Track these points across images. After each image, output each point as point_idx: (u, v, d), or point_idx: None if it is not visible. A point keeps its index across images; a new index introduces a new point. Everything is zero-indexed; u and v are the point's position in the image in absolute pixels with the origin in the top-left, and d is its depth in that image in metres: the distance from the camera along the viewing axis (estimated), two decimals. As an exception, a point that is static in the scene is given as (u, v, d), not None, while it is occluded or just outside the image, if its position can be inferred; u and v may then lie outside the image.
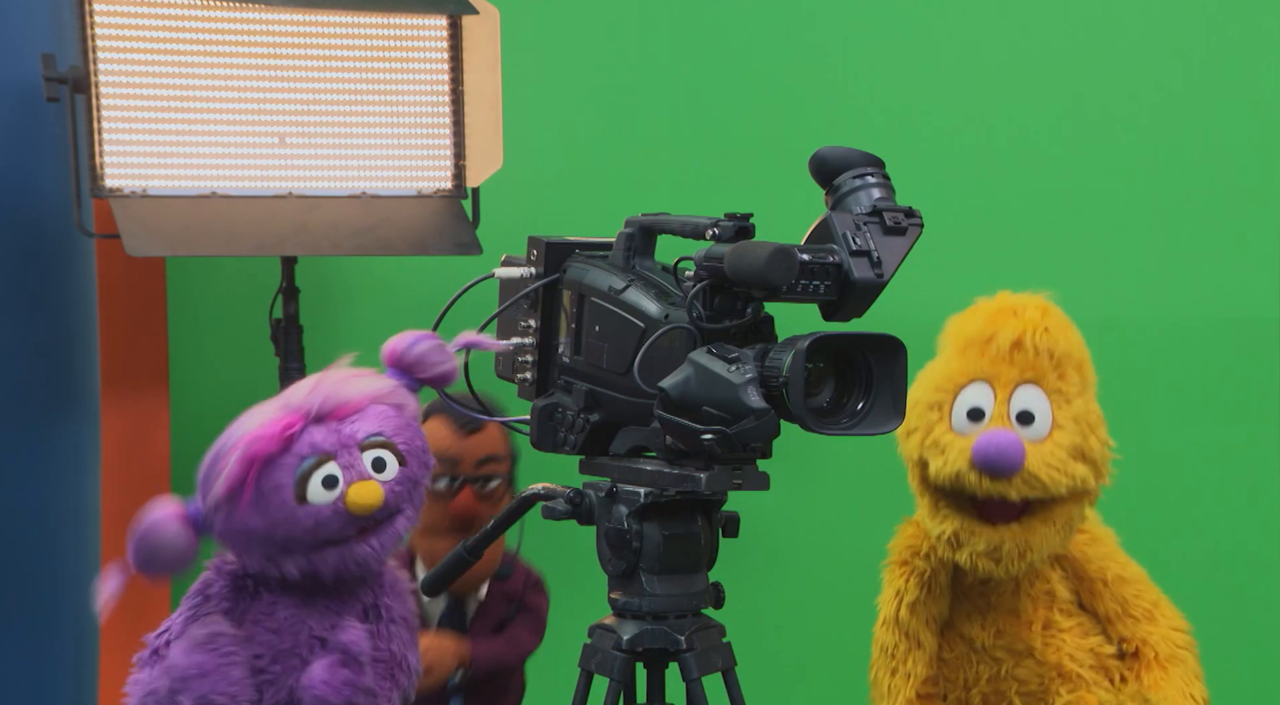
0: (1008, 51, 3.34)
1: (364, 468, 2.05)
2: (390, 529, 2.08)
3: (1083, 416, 2.19)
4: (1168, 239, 3.30)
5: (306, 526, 2.02)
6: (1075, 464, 2.16)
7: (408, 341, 2.15)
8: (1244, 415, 3.29)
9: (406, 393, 2.14)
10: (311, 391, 2.08)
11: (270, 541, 2.03)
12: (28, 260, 2.81)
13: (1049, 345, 2.19)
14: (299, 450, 2.03)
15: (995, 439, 2.13)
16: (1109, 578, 2.27)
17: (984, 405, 2.17)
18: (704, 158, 3.39)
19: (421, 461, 2.12)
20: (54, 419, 2.85)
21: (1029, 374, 2.18)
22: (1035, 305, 2.23)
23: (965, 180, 3.33)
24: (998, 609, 2.25)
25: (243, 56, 2.89)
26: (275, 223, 2.91)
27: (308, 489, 2.02)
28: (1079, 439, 2.17)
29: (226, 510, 2.02)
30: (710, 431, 1.82)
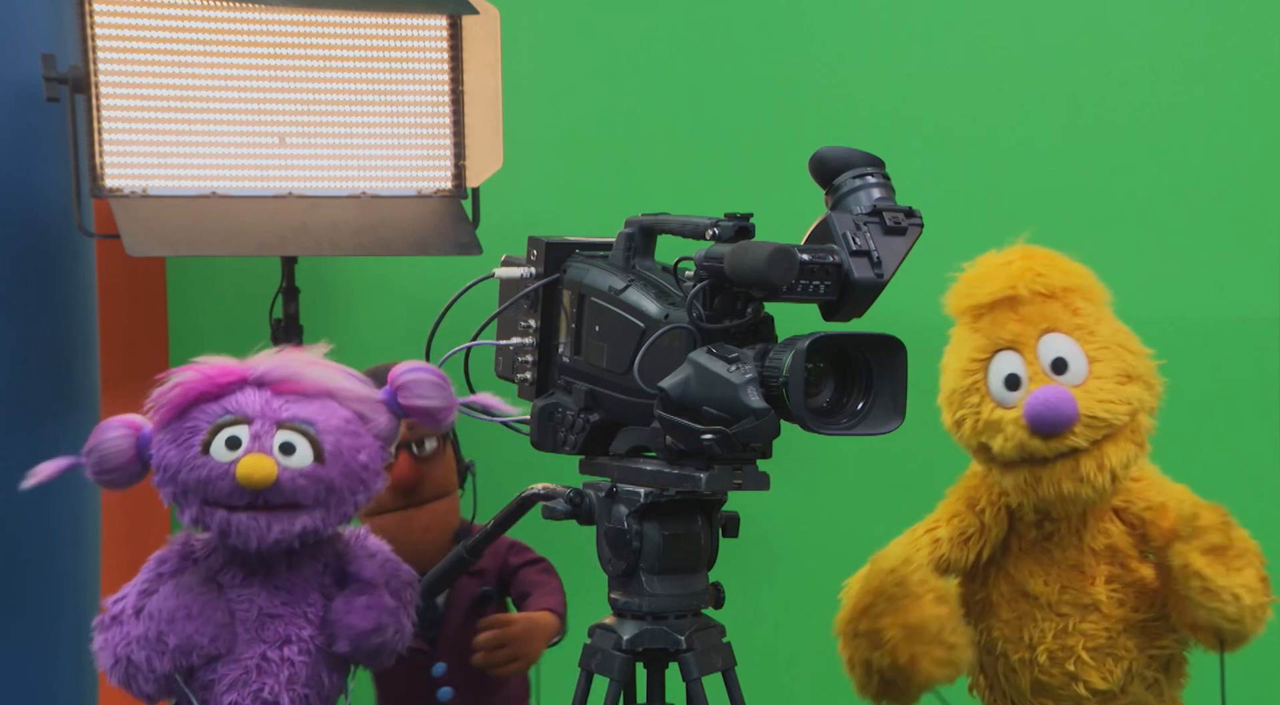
0: (1008, 51, 3.34)
1: (269, 443, 2.05)
2: (286, 521, 2.06)
3: (1112, 340, 2.17)
4: (1168, 239, 3.30)
5: (199, 477, 2.05)
6: (1125, 388, 2.15)
7: (409, 366, 2.15)
8: (1244, 415, 3.29)
9: (381, 409, 2.14)
10: (272, 358, 2.12)
11: (175, 481, 2.07)
12: (28, 260, 2.81)
13: (1047, 287, 2.18)
14: (225, 403, 2.07)
15: (1043, 397, 2.12)
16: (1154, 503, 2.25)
17: (1017, 370, 2.16)
18: (704, 158, 3.39)
19: (350, 474, 2.09)
20: (54, 419, 2.85)
21: (1044, 324, 2.17)
22: (1018, 254, 2.22)
23: (965, 180, 3.32)
24: (1061, 564, 2.24)
25: (243, 56, 2.89)
26: (275, 223, 2.92)
27: (212, 442, 2.05)
28: (1118, 362, 2.16)
29: (157, 437, 2.08)
30: (710, 431, 1.82)
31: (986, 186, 3.33)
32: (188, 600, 2.07)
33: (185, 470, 2.05)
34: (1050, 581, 2.24)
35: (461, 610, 2.55)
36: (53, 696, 2.81)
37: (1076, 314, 2.18)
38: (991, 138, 3.33)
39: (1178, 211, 3.30)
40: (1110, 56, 3.31)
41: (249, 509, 2.05)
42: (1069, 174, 3.32)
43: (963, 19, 3.35)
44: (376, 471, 2.13)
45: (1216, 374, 3.29)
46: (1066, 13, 3.32)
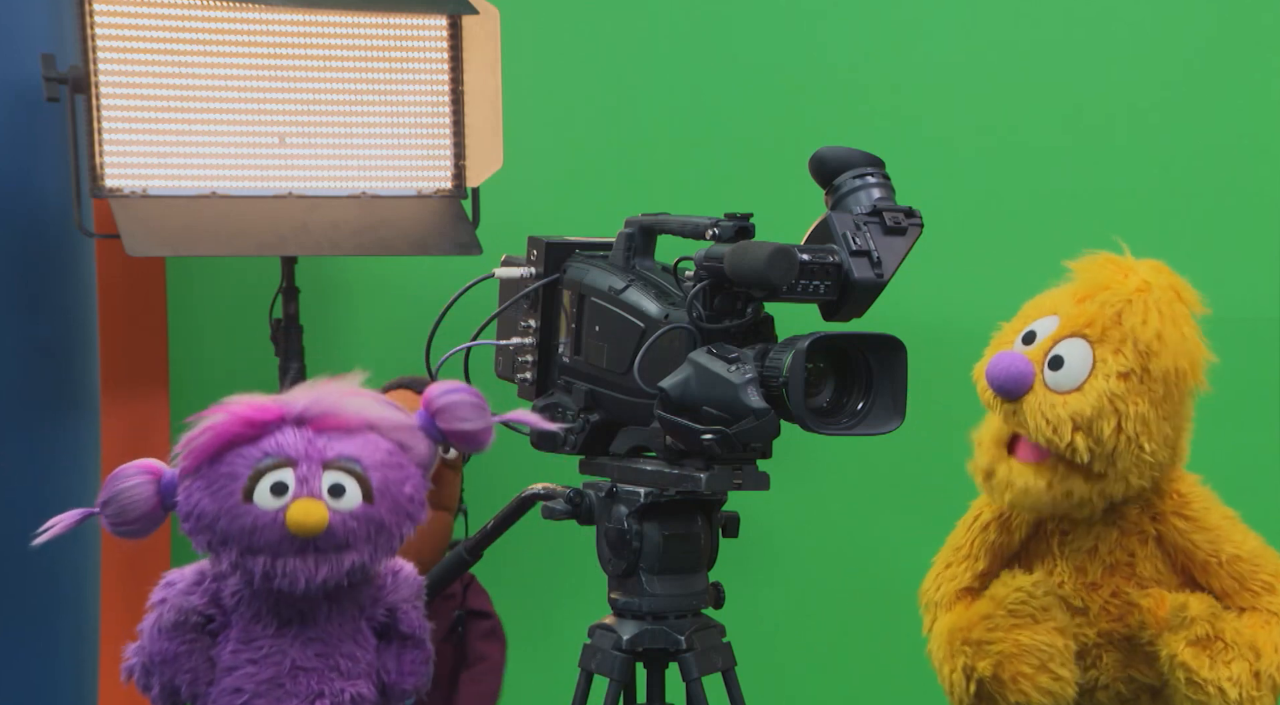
0: (1008, 52, 3.34)
1: (317, 487, 1.92)
2: (334, 561, 1.94)
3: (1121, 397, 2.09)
4: (1168, 239, 3.30)
5: (244, 526, 1.92)
6: (1073, 433, 2.08)
7: (447, 387, 2.01)
8: (1244, 415, 3.29)
9: (420, 436, 2.00)
10: (308, 393, 1.98)
11: (213, 529, 1.94)
12: (28, 260, 2.81)
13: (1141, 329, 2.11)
14: (264, 446, 1.93)
15: (1002, 355, 2.10)
16: (1223, 558, 2.20)
17: (1039, 331, 2.14)
18: (704, 158, 3.39)
19: (398, 509, 1.97)
20: (54, 419, 2.85)
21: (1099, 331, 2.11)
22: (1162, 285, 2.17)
23: (965, 180, 3.32)
24: (1067, 560, 2.23)
25: (243, 56, 2.89)
26: (275, 223, 2.92)
27: (255, 489, 1.91)
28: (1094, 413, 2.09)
29: (187, 483, 1.94)
30: (710, 431, 1.82)
31: (986, 186, 3.33)
32: (164, 645, 1.98)
33: (225, 519, 1.92)
34: (1054, 573, 2.24)
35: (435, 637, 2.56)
36: (53, 696, 2.81)
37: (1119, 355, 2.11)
38: (991, 138, 3.33)
39: (1178, 211, 3.30)
40: (1110, 56, 3.31)
41: (297, 554, 1.93)
42: (1069, 174, 3.32)
43: (963, 19, 3.34)
44: (422, 503, 2.01)
45: (1216, 374, 3.28)
46: (1067, 13, 3.32)
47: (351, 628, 2.03)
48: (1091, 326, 2.12)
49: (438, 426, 1.99)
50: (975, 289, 3.25)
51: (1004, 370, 2.10)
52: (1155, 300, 2.15)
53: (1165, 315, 2.14)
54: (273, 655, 2.00)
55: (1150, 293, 2.15)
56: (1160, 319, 2.13)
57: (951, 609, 2.24)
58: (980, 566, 2.27)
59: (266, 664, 2.00)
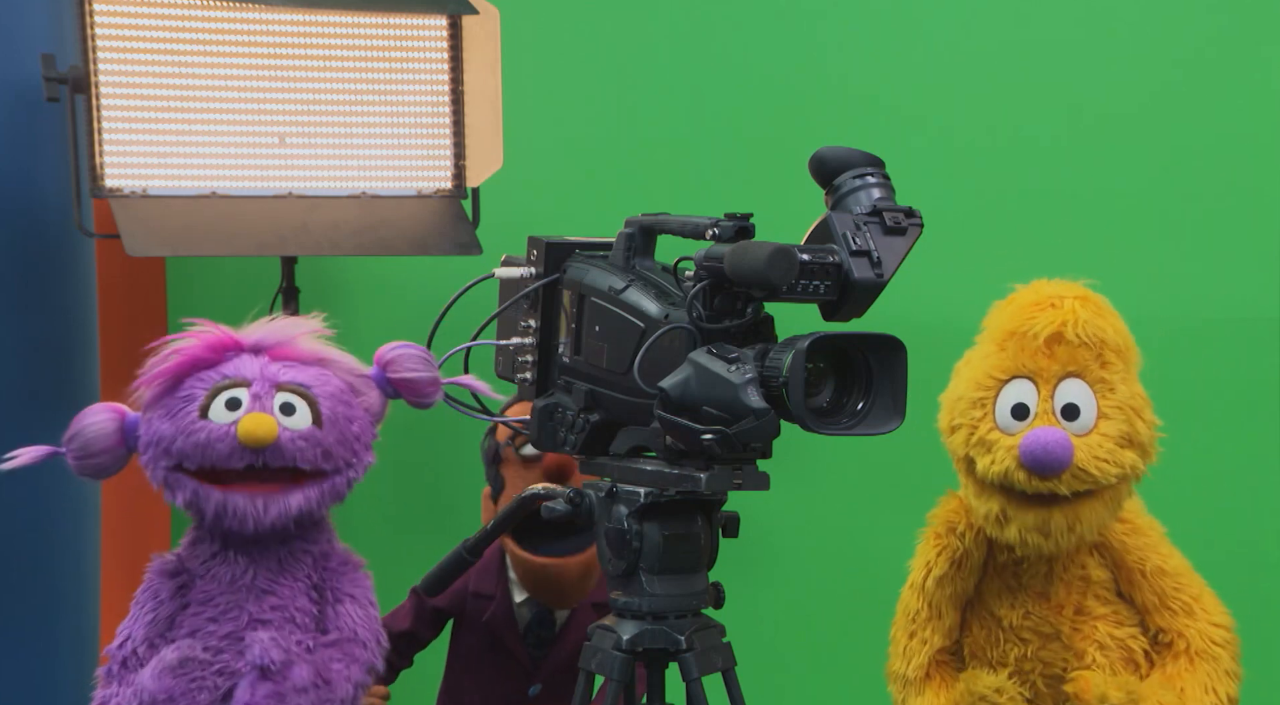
0: (1008, 51, 3.34)
1: (270, 404, 2.07)
2: (281, 502, 2.08)
3: (1127, 402, 2.17)
4: (1168, 239, 3.30)
5: (199, 441, 2.05)
6: (1124, 451, 2.15)
7: (397, 344, 2.19)
8: (1244, 415, 3.29)
9: (371, 385, 2.18)
10: (264, 325, 2.14)
11: (169, 452, 2.06)
12: (28, 260, 2.81)
13: (1089, 336, 2.17)
14: (223, 369, 2.09)
15: (1042, 438, 2.11)
16: (1148, 569, 2.25)
17: (1028, 401, 2.16)
18: (704, 158, 3.39)
19: (345, 442, 2.12)
20: (54, 419, 2.84)
21: (1071, 367, 2.16)
22: (1073, 294, 2.21)
23: (965, 180, 3.32)
24: (1028, 590, 2.24)
25: (243, 56, 2.89)
26: (275, 223, 2.92)
27: (211, 405, 2.05)
28: (1125, 426, 2.15)
29: (149, 413, 2.08)
30: (710, 431, 1.82)
31: (986, 186, 3.33)
32: (169, 683, 2.05)
33: (182, 438, 2.05)
34: (1016, 606, 2.25)
35: (576, 640, 2.56)
36: (53, 696, 2.81)
37: (1105, 367, 2.18)
38: (992, 138, 3.33)
39: (1178, 211, 3.30)
40: (1110, 56, 3.31)
41: (246, 481, 2.06)
42: (1069, 174, 3.32)
43: (963, 19, 3.34)
44: (367, 445, 2.16)
45: (1216, 374, 3.29)
46: (1067, 13, 3.32)
47: (303, 584, 2.14)
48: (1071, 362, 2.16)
49: (387, 377, 2.17)
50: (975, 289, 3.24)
51: (1050, 454, 2.11)
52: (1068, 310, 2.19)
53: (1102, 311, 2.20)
54: (229, 611, 2.10)
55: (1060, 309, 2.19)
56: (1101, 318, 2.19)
57: (923, 691, 2.26)
58: (946, 623, 2.28)
59: (225, 620, 2.10)
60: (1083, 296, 2.21)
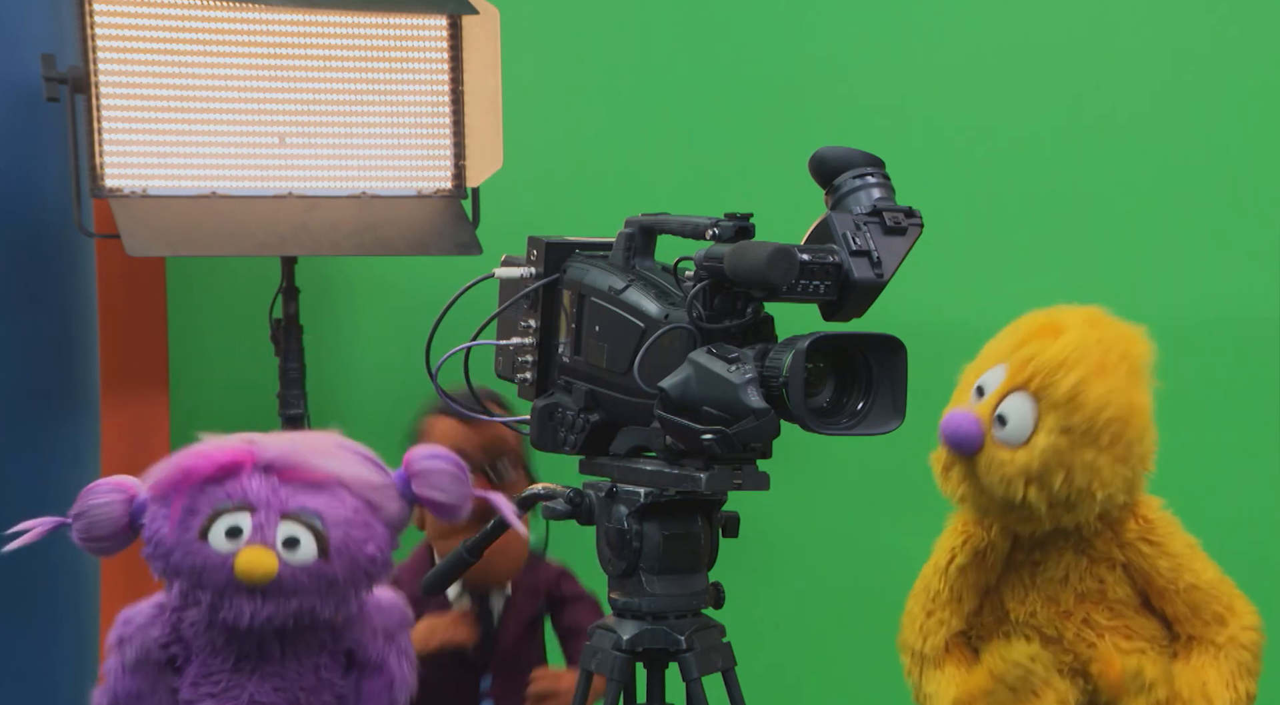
0: (1008, 51, 3.34)
1: (272, 536, 1.90)
2: (279, 604, 1.92)
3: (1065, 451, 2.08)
4: (1168, 239, 3.30)
5: (194, 563, 1.90)
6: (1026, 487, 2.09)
7: (430, 452, 2.00)
8: (1244, 415, 3.29)
9: (393, 495, 1.98)
10: (282, 442, 1.97)
11: (166, 559, 1.93)
12: (28, 260, 2.81)
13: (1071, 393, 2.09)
14: (229, 488, 1.92)
15: (953, 415, 2.12)
16: (1181, 587, 2.22)
17: (987, 385, 2.14)
18: (704, 158, 3.39)
19: (355, 568, 1.95)
20: (54, 419, 2.85)
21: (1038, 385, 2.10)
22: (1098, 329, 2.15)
23: (966, 180, 3.32)
24: (1040, 590, 2.24)
25: (243, 56, 2.89)
26: (275, 223, 2.91)
27: (211, 528, 1.90)
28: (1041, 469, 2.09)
29: (151, 510, 1.94)
30: (710, 431, 1.82)
31: (986, 186, 3.33)
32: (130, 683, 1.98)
33: (179, 552, 1.91)
34: (1026, 602, 2.25)
35: (518, 627, 2.59)
36: (53, 696, 2.81)
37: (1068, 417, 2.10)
38: (992, 137, 3.33)
39: (1178, 211, 3.30)
40: (1110, 56, 3.31)
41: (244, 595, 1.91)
42: (1069, 174, 3.32)
43: (963, 18, 3.34)
44: (385, 563, 1.99)
45: (1216, 374, 3.29)
46: (1067, 12, 3.32)
47: (311, 663, 2.00)
48: (1031, 382, 2.11)
49: (413, 490, 1.98)
50: (975, 289, 3.25)
51: (954, 431, 2.11)
52: (1082, 358, 2.11)
53: (1094, 371, 2.11)
54: (231, 689, 1.98)
55: (1079, 351, 2.12)
56: (1089, 376, 2.10)
57: (942, 666, 2.24)
58: (966, 608, 2.27)
59: (225, 698, 1.98)
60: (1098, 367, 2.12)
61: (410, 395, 3.17)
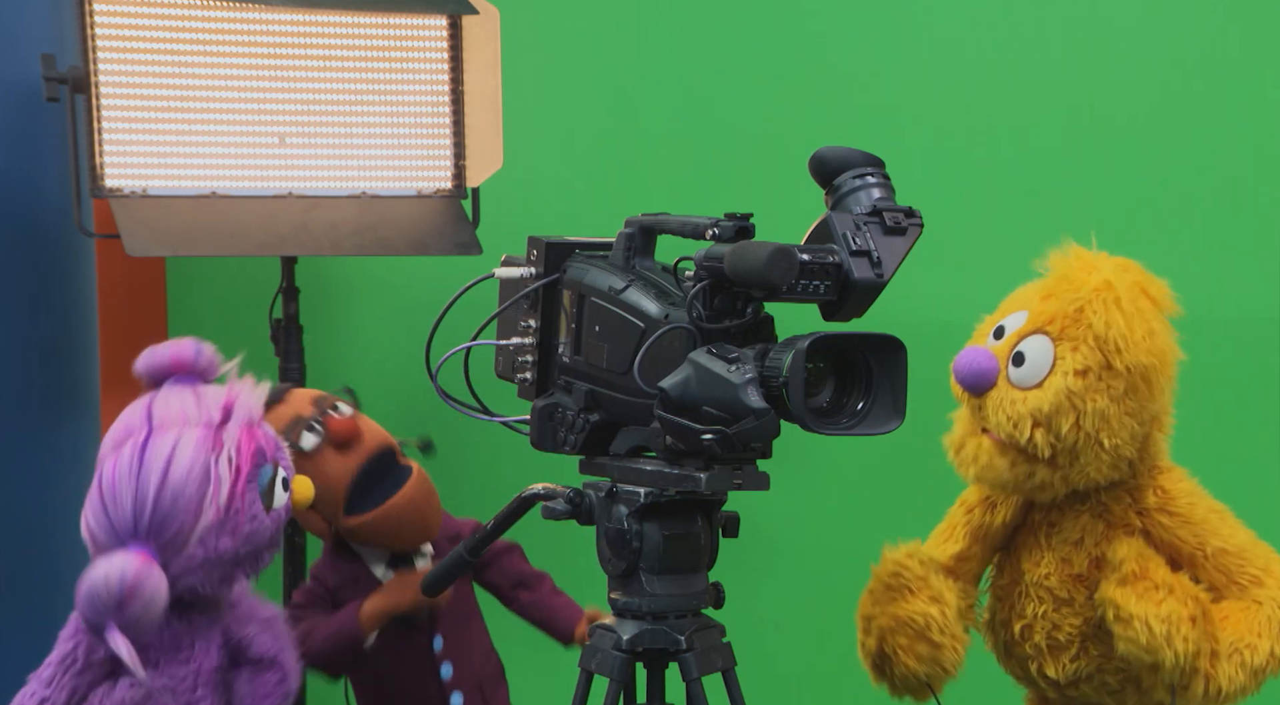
0: (1008, 51, 3.34)
1: (288, 461, 2.11)
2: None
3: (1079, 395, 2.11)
4: (1168, 239, 3.30)
5: (270, 534, 2.03)
6: (1033, 429, 2.11)
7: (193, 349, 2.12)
8: (1244, 415, 3.29)
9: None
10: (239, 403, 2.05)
11: (234, 560, 1.99)
12: (28, 260, 2.81)
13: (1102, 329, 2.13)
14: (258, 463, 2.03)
15: (967, 351, 2.15)
16: (1209, 552, 2.22)
17: (1008, 326, 2.17)
18: (704, 158, 3.39)
19: None
20: (54, 419, 2.85)
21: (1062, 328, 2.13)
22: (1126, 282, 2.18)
23: (966, 180, 3.33)
24: (1054, 551, 2.24)
25: (243, 56, 2.89)
26: (275, 223, 2.91)
27: (274, 497, 2.04)
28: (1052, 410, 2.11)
29: (195, 539, 1.95)
30: (710, 431, 1.82)
31: (987, 186, 3.33)
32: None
33: (251, 541, 2.00)
34: (1040, 563, 2.25)
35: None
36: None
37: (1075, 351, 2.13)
38: (992, 137, 3.33)
39: (1178, 211, 3.30)
40: (1111, 56, 3.31)
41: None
42: (1069, 174, 3.32)
43: (963, 18, 3.35)
44: None
45: (1216, 374, 3.29)
46: (1067, 12, 3.32)
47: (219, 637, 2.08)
48: (1053, 323, 2.15)
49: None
50: (975, 289, 3.24)
51: (968, 365, 2.14)
52: (1116, 298, 2.16)
53: (1126, 312, 2.16)
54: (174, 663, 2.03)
55: (1111, 290, 2.16)
56: (1121, 316, 2.15)
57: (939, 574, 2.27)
58: (957, 547, 2.30)
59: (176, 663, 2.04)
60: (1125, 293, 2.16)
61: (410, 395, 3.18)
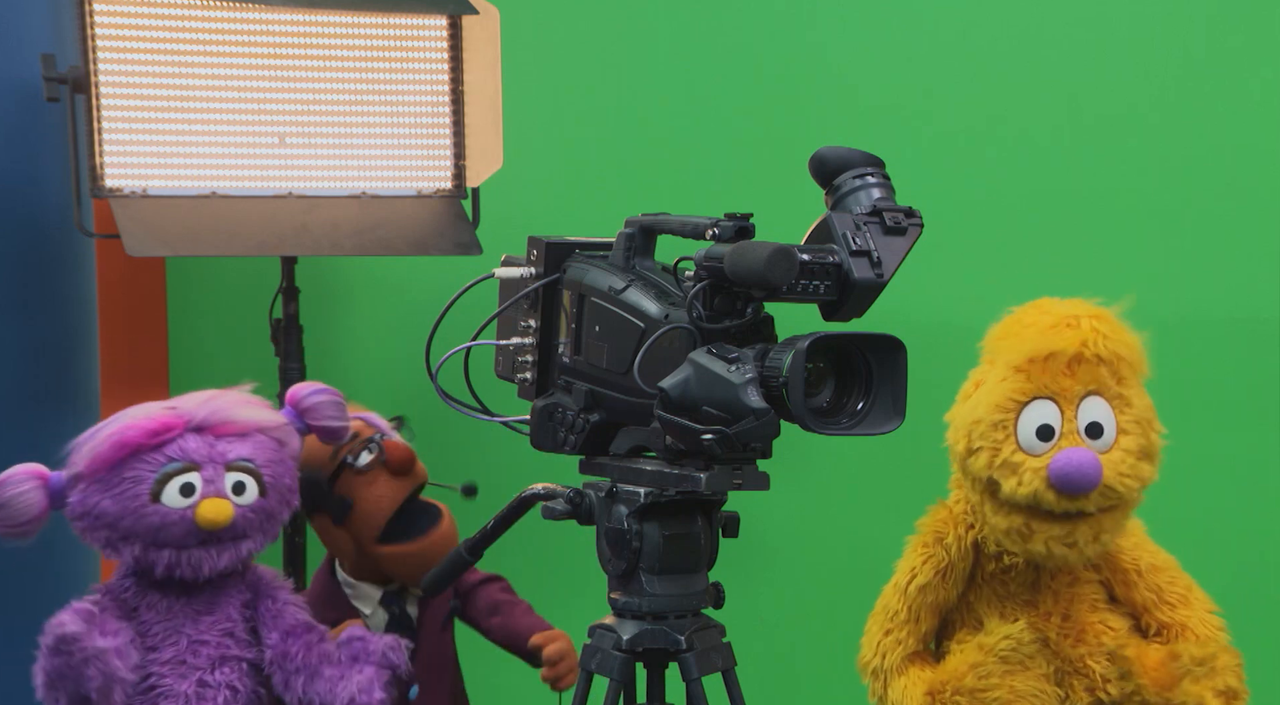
0: (1008, 51, 3.34)
1: (223, 486, 2.16)
2: (233, 549, 2.19)
3: (1143, 416, 2.20)
4: (1168, 239, 3.30)
5: (151, 524, 2.13)
6: (1143, 465, 2.18)
7: (310, 389, 2.29)
8: (1244, 415, 3.29)
9: (292, 431, 2.27)
10: (202, 403, 2.20)
11: (114, 528, 2.14)
12: (28, 260, 2.81)
13: (1108, 353, 2.19)
14: (169, 451, 2.15)
15: (1074, 459, 2.13)
16: (1142, 567, 2.28)
17: (1053, 422, 2.17)
18: (704, 158, 3.39)
19: (283, 499, 2.24)
20: (54, 419, 2.85)
21: (1092, 386, 2.18)
22: (1087, 313, 2.22)
23: (965, 180, 3.32)
24: (1016, 598, 2.26)
25: (243, 56, 2.89)
26: (275, 223, 2.92)
27: (163, 491, 2.13)
28: (1143, 439, 2.19)
29: (83, 486, 2.14)
30: (710, 431, 1.82)
31: (986, 186, 3.33)
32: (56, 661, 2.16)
33: (130, 519, 2.13)
34: (1005, 613, 2.26)
35: (434, 628, 2.57)
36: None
37: (1122, 384, 2.20)
38: (992, 137, 3.33)
39: (1178, 211, 3.30)
40: (1110, 56, 3.31)
41: (200, 546, 2.16)
42: (1070, 174, 3.32)
43: (963, 19, 3.34)
44: (295, 489, 2.28)
45: (1216, 374, 3.29)
46: (1067, 13, 3.32)
47: (236, 598, 2.24)
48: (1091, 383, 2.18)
49: (306, 423, 2.29)
50: (975, 289, 3.25)
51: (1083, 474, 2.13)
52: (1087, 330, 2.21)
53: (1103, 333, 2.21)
54: (169, 637, 2.19)
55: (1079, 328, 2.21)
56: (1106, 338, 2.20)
57: (905, 672, 2.27)
58: (923, 628, 2.31)
59: (165, 647, 2.18)
60: (1097, 315, 2.22)
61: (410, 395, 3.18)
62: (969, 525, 2.27)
